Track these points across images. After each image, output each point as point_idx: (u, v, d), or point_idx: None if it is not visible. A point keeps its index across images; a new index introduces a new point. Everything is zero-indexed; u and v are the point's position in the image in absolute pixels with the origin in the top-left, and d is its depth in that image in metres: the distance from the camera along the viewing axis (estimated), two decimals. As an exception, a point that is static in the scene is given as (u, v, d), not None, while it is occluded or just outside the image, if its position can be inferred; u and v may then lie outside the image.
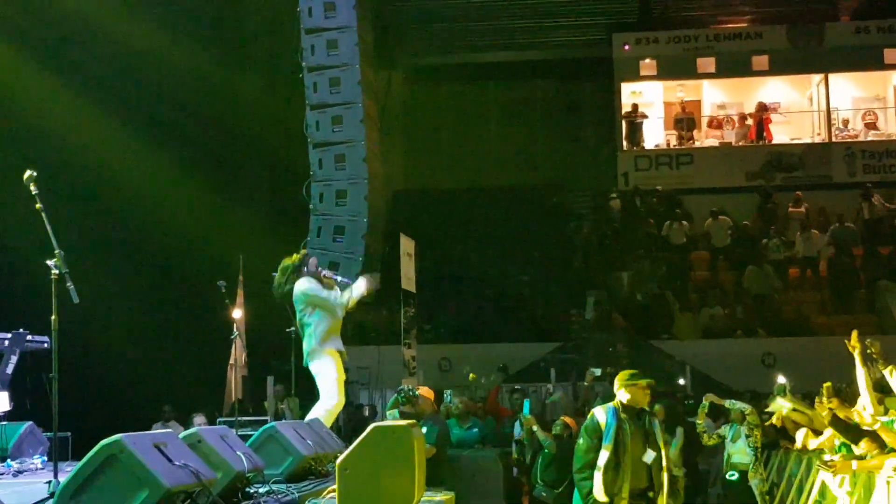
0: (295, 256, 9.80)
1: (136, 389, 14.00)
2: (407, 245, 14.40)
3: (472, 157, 24.11)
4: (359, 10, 13.89)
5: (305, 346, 9.50)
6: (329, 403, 9.43)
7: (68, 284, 6.38)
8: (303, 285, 9.38)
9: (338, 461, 5.45)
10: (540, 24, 23.41)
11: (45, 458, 9.98)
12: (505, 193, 22.61)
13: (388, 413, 10.06)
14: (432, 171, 23.98)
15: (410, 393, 9.80)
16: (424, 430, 8.02)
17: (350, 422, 15.35)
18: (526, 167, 23.98)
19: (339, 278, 9.67)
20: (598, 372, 13.98)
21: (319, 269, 9.69)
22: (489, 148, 24.31)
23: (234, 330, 12.65)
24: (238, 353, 14.60)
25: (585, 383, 14.54)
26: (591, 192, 23.27)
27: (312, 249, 13.87)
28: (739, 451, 10.99)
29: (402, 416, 9.61)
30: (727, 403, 11.16)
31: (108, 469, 5.08)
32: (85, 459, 5.15)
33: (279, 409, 14.23)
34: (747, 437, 10.82)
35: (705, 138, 23.60)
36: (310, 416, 9.45)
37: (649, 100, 23.85)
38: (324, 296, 9.34)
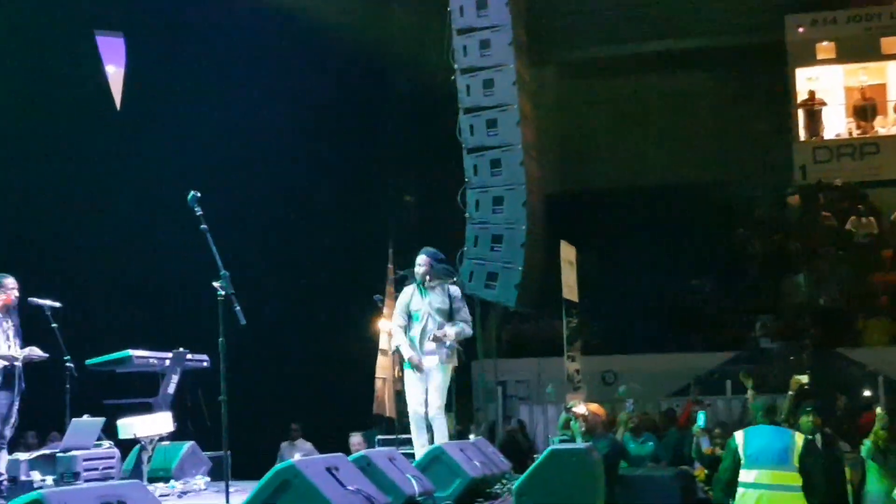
0: None
1: (286, 406, 14.43)
2: (568, 252, 14.40)
3: (631, 154, 23.91)
4: (512, 7, 13.95)
5: None
6: None
7: (235, 306, 6.68)
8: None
9: (514, 486, 5.56)
10: (702, 9, 23.05)
11: (209, 478, 10.43)
12: (669, 193, 22.31)
13: (558, 431, 10.13)
14: (589, 172, 23.89)
15: (580, 410, 9.85)
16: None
17: (511, 438, 15.50)
18: (691, 164, 23.60)
19: None
20: (804, 379, 13.47)
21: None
22: (650, 144, 24.05)
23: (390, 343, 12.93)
24: (393, 367, 14.89)
25: (790, 392, 13.86)
26: (764, 189, 22.76)
27: (469, 260, 14.04)
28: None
29: (570, 434, 9.69)
30: None
31: (283, 494, 5.31)
32: (259, 484, 5.40)
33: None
34: None
35: (892, 126, 22.84)
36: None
37: (827, 86, 23.23)
38: None
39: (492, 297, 14.24)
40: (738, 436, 7.84)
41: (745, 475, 7.69)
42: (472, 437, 13.35)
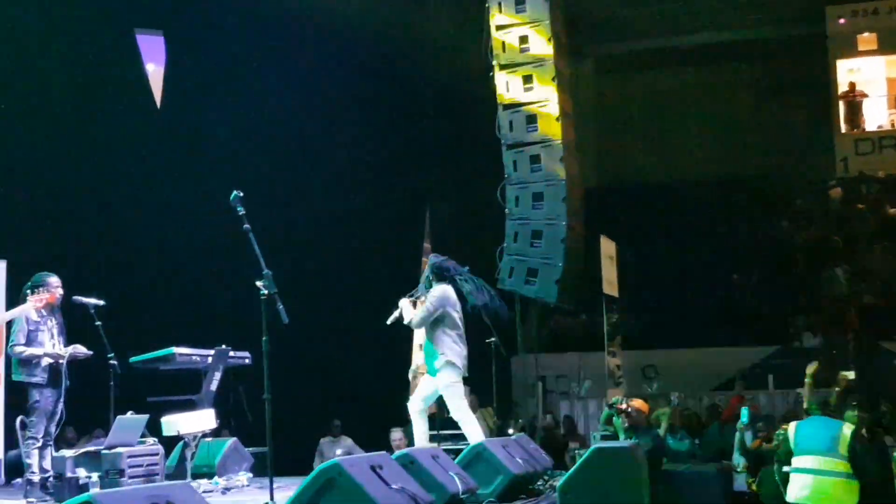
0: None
1: (326, 402, 14.47)
2: (608, 247, 14.36)
3: (669, 148, 23.77)
4: (551, 2, 13.91)
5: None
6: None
7: (278, 305, 6.71)
8: None
9: (559, 483, 5.54)
10: (741, 1, 22.84)
11: (251, 475, 10.50)
12: (708, 186, 22.17)
13: (600, 427, 10.10)
14: (627, 166, 23.78)
15: (623, 405, 9.80)
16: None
17: (549, 432, 15.47)
18: (730, 157, 23.41)
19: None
20: (851, 375, 13.33)
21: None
22: (688, 138, 23.89)
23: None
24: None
25: (837, 388, 13.68)
26: (805, 181, 22.54)
27: (509, 256, 14.01)
28: None
29: (612, 430, 9.66)
30: None
31: (328, 493, 5.33)
32: (304, 483, 5.42)
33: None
34: None
35: (934, 117, 22.58)
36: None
37: (869, 77, 22.95)
38: None
39: (532, 294, 14.20)
40: (791, 427, 8.44)
41: (795, 461, 8.24)
42: (510, 431, 13.35)
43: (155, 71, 16.24)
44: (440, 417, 13.15)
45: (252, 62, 15.52)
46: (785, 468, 8.41)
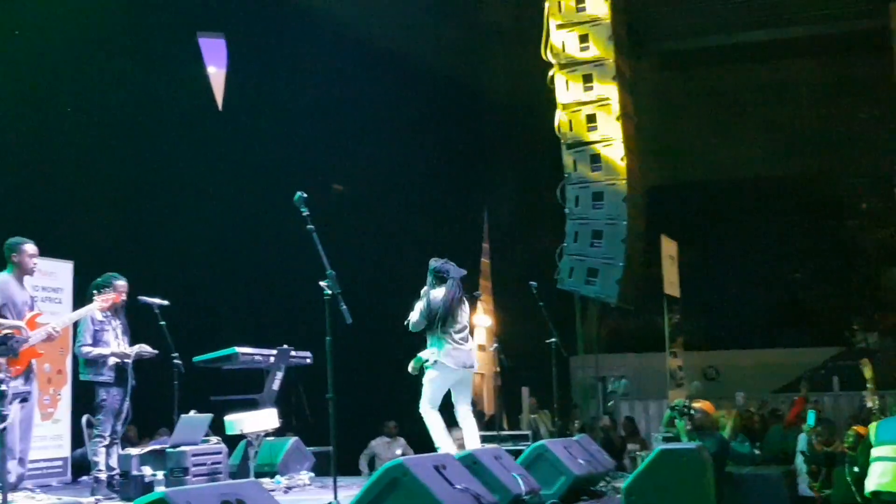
0: None
1: (383, 402, 14.51)
2: (668, 247, 14.27)
3: (731, 147, 23.54)
4: (611, 0, 13.84)
5: None
6: None
7: (341, 305, 6.74)
8: None
9: (623, 485, 5.50)
10: (802, -3, 22.55)
11: (313, 474, 10.56)
12: (770, 185, 21.95)
13: (661, 429, 10.03)
14: (688, 165, 23.58)
15: (686, 408, 9.73)
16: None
17: (605, 435, 15.39)
18: (792, 155, 23.13)
19: None
20: None
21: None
22: (750, 136, 23.63)
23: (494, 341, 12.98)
24: (493, 363, 14.92)
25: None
26: (869, 179, 22.22)
27: (569, 256, 13.96)
28: None
29: (674, 432, 9.57)
30: None
31: (392, 492, 5.34)
32: (369, 482, 5.44)
33: (530, 421, 14.39)
34: None
35: None
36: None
37: (934, 72, 22.55)
38: None
39: (592, 294, 14.14)
40: (872, 426, 8.66)
41: (875, 451, 8.37)
42: (575, 428, 13.31)
43: (216, 73, 16.40)
44: (499, 418, 13.21)
45: (311, 61, 15.59)
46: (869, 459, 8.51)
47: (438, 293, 9.73)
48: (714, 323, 18.95)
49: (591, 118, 13.92)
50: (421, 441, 11.75)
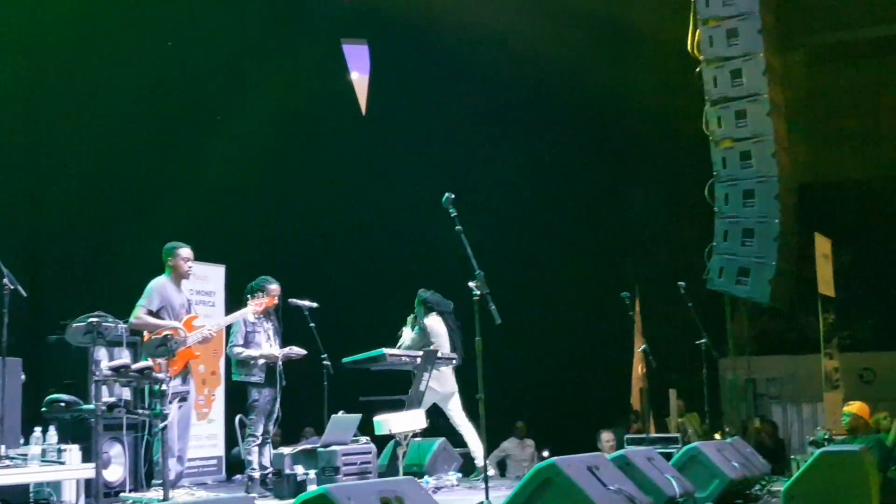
0: None
1: (528, 403, 14.49)
2: (823, 245, 13.87)
3: (886, 142, 22.74)
4: (760, -8, 13.56)
5: None
6: None
7: (490, 305, 6.77)
8: None
9: (783, 488, 5.38)
10: (962, -15, 21.65)
11: (460, 475, 10.63)
12: (931, 180, 21.12)
13: (817, 432, 9.79)
14: (841, 161, 22.85)
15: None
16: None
17: (760, 436, 15.05)
18: (954, 149, 22.24)
19: None
20: None
21: None
22: (907, 130, 22.81)
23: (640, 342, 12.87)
24: (637, 365, 14.79)
25: None
26: None
27: (719, 255, 13.71)
28: None
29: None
30: None
31: (545, 493, 5.34)
32: (522, 482, 5.45)
33: (678, 424, 14.18)
34: None
35: None
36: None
37: None
38: None
39: (743, 294, 13.84)
40: None
41: None
42: (718, 435, 13.07)
43: (359, 79, 16.65)
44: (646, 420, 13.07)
45: (458, 60, 15.66)
46: None
47: (436, 326, 10.86)
48: (872, 323, 18.32)
49: (741, 114, 13.60)
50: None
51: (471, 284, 6.84)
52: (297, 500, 3.86)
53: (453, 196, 7.13)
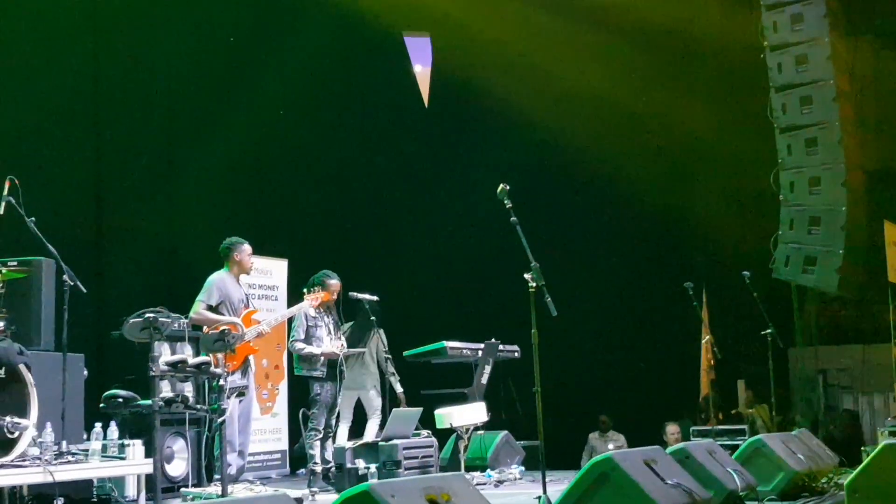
0: None
1: (595, 396, 14.35)
2: (892, 233, 13.56)
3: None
4: (826, -24, 13.29)
5: None
6: None
7: (546, 297, 6.68)
8: None
9: (846, 481, 5.24)
10: None
11: (523, 468, 10.56)
12: None
13: (886, 423, 9.57)
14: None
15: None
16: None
17: (836, 429, 14.78)
18: None
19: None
20: None
21: None
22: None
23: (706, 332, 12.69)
24: (705, 355, 14.57)
25: None
26: None
27: (785, 244, 13.48)
28: None
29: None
30: None
31: (601, 487, 5.25)
32: (578, 476, 5.37)
33: (747, 415, 13.97)
34: None
35: None
36: None
37: None
38: None
39: (810, 283, 13.61)
40: None
41: None
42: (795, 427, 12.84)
43: (422, 72, 16.62)
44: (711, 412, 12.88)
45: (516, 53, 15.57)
46: None
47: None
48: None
49: (806, 100, 13.35)
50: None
51: (526, 276, 6.75)
52: (341, 496, 3.81)
53: (508, 187, 7.05)
